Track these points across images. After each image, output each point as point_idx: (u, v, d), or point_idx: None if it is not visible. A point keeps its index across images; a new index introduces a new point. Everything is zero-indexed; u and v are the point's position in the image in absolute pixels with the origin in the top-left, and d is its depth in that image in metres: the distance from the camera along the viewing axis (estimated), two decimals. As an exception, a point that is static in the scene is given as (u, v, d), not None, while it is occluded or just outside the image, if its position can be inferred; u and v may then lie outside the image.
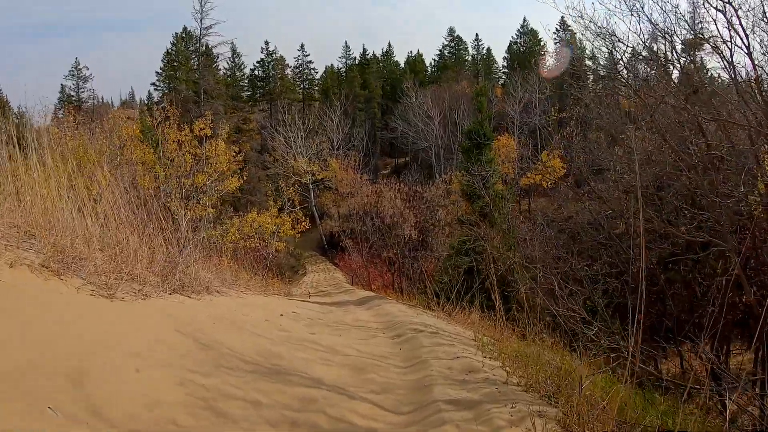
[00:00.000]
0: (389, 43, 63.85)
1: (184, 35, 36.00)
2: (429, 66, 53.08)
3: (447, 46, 52.86)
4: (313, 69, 48.54)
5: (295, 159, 32.89)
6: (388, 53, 53.53)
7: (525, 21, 48.73)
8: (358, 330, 5.18)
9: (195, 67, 34.86)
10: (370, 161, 38.24)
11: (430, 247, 13.84)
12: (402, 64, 53.08)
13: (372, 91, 47.30)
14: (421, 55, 53.14)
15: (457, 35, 52.61)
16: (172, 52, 36.19)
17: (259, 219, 17.90)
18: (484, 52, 52.59)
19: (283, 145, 33.29)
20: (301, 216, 22.54)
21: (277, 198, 24.72)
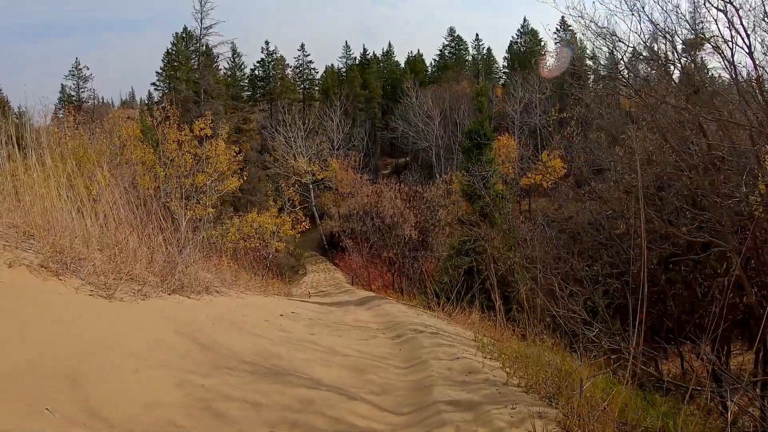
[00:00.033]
0: (389, 43, 63.99)
1: (184, 35, 36.01)
2: (429, 66, 53.15)
3: (447, 46, 52.88)
4: (314, 69, 48.64)
5: (296, 159, 32.91)
6: (388, 53, 53.54)
7: (525, 21, 48.83)
8: (357, 330, 5.17)
9: (195, 67, 34.86)
10: (370, 161, 38.27)
11: (430, 248, 13.84)
12: (402, 64, 53.13)
13: (372, 91, 47.31)
14: (422, 55, 53.23)
15: (458, 35, 52.68)
16: (172, 51, 36.20)
17: (259, 219, 17.90)
18: (484, 52, 52.65)
19: (284, 145, 33.31)
20: (301, 216, 22.53)
21: (277, 198, 24.72)
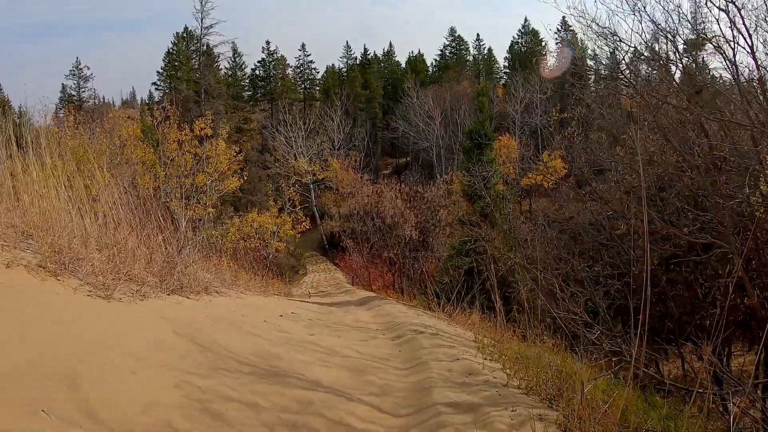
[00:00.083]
0: (390, 43, 63.91)
1: (185, 35, 36.05)
2: (430, 66, 53.15)
3: (448, 46, 52.87)
4: (314, 69, 48.68)
5: (296, 159, 32.92)
6: (389, 53, 53.53)
7: (526, 21, 48.83)
8: (357, 331, 5.15)
9: (196, 67, 34.90)
10: (371, 161, 38.26)
11: (430, 248, 13.84)
12: (403, 64, 53.13)
13: (373, 91, 47.31)
14: (422, 55, 53.23)
15: (458, 35, 52.68)
16: (173, 51, 36.25)
17: (260, 219, 17.89)
18: (485, 52, 52.65)
19: (284, 145, 33.33)
20: (302, 216, 22.51)
21: (278, 198, 24.71)
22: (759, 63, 5.09)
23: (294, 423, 2.29)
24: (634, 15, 6.05)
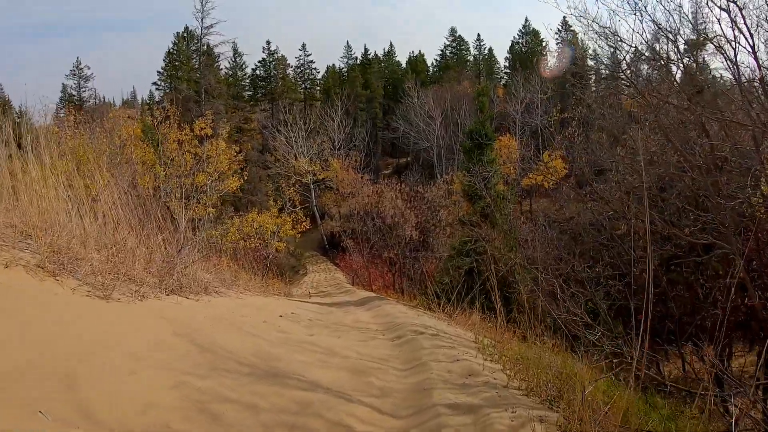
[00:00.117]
0: (391, 43, 63.96)
1: (185, 35, 36.06)
2: (430, 66, 53.14)
3: (449, 46, 52.87)
4: (315, 69, 48.68)
5: (296, 159, 32.93)
6: (389, 53, 53.54)
7: (527, 21, 48.83)
8: (357, 331, 5.14)
9: (196, 67, 34.92)
10: (371, 161, 38.28)
11: (431, 248, 13.84)
12: (403, 64, 53.13)
13: (373, 91, 47.32)
14: (423, 55, 53.23)
15: (459, 35, 52.67)
16: (173, 51, 36.27)
17: (260, 219, 17.86)
18: (485, 52, 52.63)
19: (284, 145, 33.35)
20: (302, 216, 22.49)
21: (278, 198, 24.67)
22: (760, 63, 5.08)
23: (293, 424, 2.28)
24: (635, 15, 6.05)
